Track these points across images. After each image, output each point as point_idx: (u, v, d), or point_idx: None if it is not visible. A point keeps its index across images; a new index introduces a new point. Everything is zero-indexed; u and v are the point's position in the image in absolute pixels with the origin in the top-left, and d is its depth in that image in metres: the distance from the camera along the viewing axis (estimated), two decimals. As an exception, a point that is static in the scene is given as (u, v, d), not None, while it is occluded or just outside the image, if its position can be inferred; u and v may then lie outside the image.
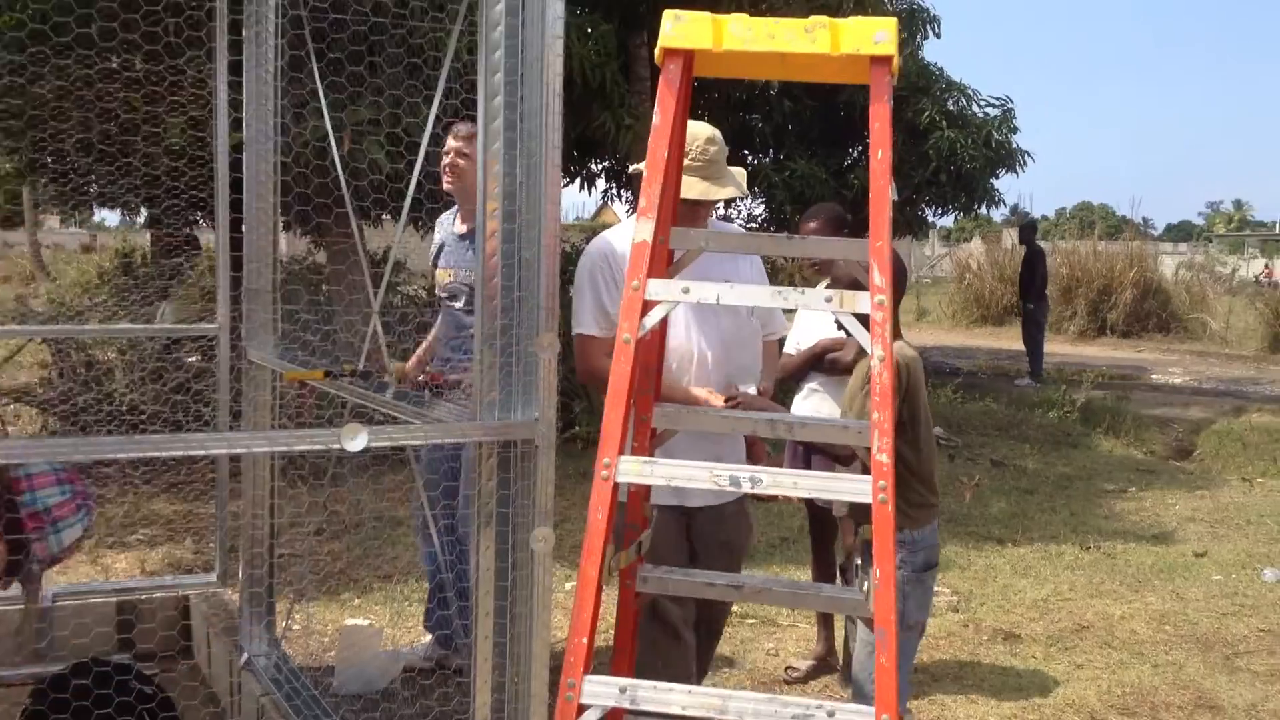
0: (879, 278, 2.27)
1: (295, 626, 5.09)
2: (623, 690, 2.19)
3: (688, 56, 2.42)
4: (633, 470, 2.30)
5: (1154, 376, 15.57)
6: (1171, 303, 21.64)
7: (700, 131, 3.19)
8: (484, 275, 2.21)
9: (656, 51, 2.42)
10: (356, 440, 1.98)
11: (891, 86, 2.40)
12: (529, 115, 2.18)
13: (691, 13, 2.37)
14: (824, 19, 2.36)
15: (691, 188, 3.12)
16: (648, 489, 2.79)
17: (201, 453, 1.96)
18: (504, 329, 2.21)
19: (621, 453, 2.31)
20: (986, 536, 7.00)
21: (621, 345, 2.30)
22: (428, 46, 4.33)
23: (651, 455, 2.63)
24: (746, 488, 2.30)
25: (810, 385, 4.54)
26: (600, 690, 2.18)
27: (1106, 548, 6.84)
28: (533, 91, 2.17)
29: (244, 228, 3.58)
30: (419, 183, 2.91)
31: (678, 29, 2.35)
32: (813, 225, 4.56)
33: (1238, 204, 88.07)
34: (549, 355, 2.16)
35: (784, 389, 4.94)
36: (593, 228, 20.59)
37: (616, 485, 2.32)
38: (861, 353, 4.43)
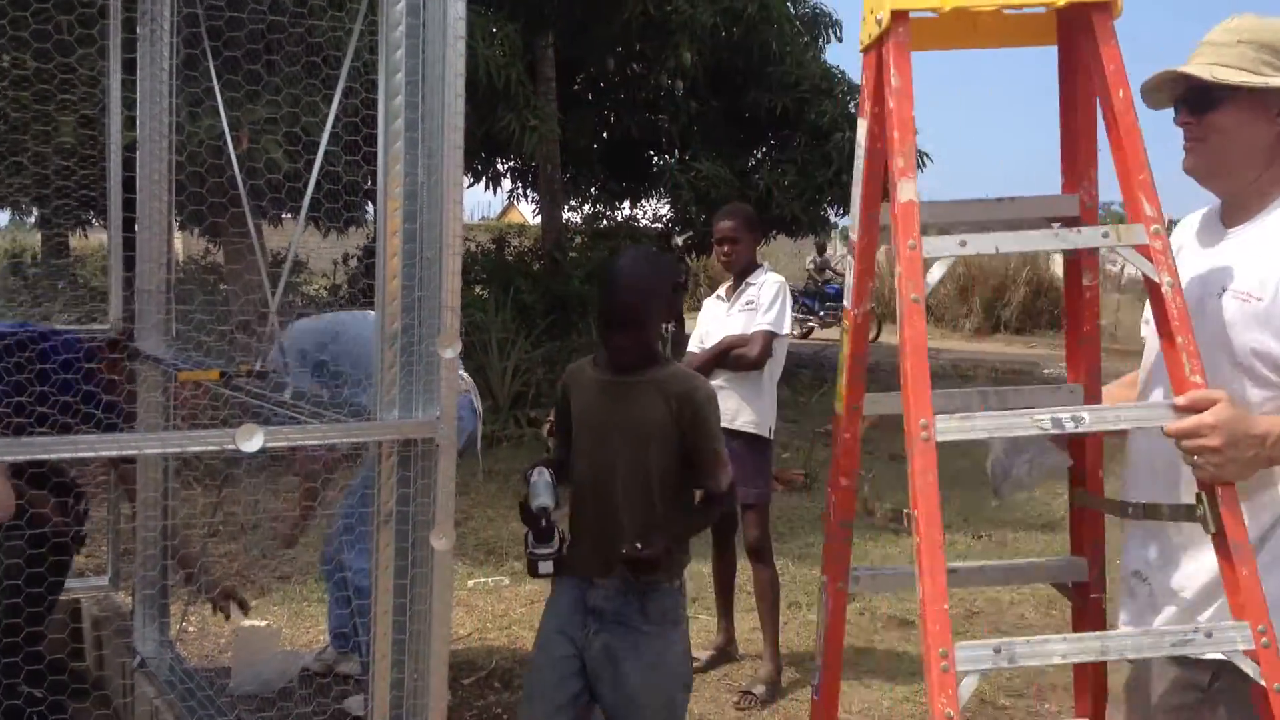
0: (1149, 208, 2.09)
1: (191, 629, 5.01)
2: (997, 650, 2.00)
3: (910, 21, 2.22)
4: (953, 428, 2.12)
5: (1045, 371, 16.05)
6: (1063, 300, 22.27)
7: None
8: (385, 275, 2.21)
9: (884, 15, 2.18)
10: (252, 441, 1.97)
11: (1114, 29, 2.19)
12: (430, 115, 2.20)
13: None
14: None
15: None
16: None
17: (91, 455, 1.94)
18: (405, 328, 2.22)
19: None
20: (882, 528, 7.15)
21: (911, 305, 2.09)
22: (327, 45, 4.30)
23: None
24: (1070, 427, 2.09)
25: (715, 382, 4.59)
26: (974, 655, 1.99)
27: (998, 536, 7.05)
28: (434, 92, 2.19)
29: (136, 227, 3.52)
30: (318, 182, 2.89)
31: None
32: (729, 224, 4.63)
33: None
34: (450, 354, 2.17)
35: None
36: (499, 227, 20.46)
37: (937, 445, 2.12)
38: (766, 350, 4.54)
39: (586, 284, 12.32)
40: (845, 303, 2.47)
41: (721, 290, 4.77)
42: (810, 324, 20.07)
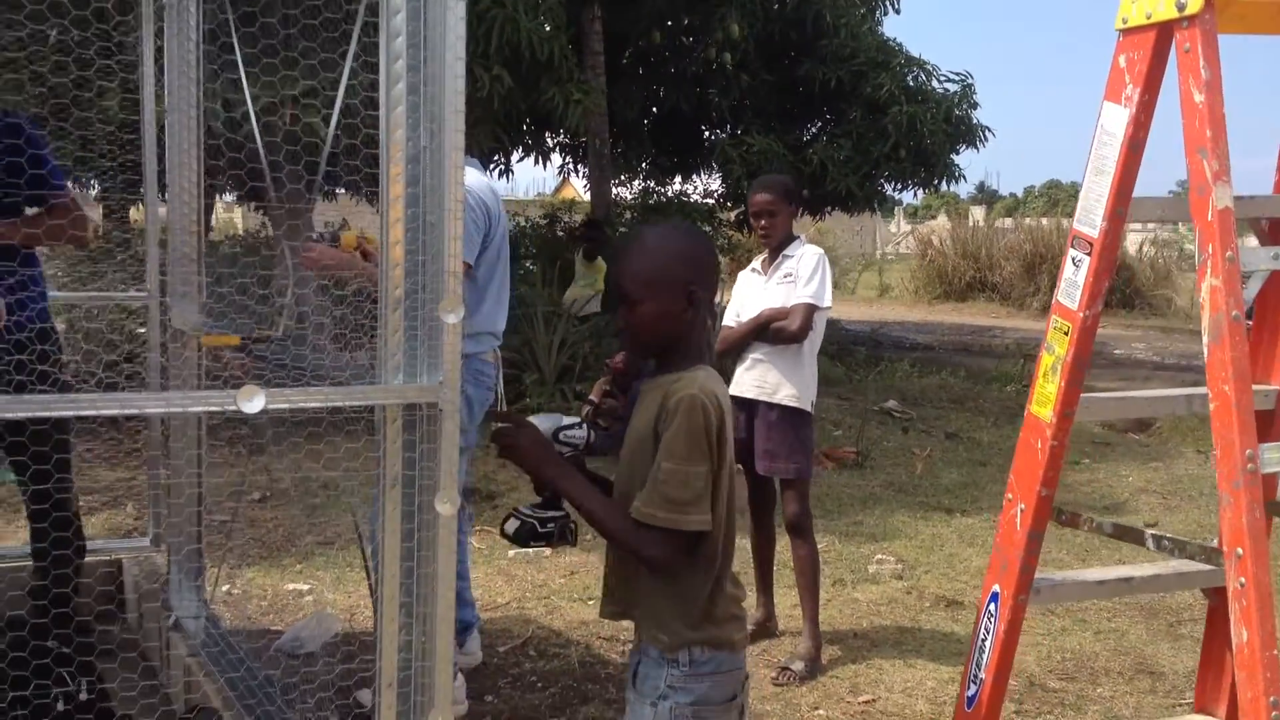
0: None
1: (236, 591, 5.11)
2: None
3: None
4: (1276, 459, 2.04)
5: (1116, 351, 15.75)
6: (1136, 279, 21.91)
7: None
8: (388, 240, 2.21)
9: (1197, 0, 2.03)
10: (253, 402, 1.98)
11: None
12: (432, 79, 2.18)
13: None
14: None
15: None
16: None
17: (92, 412, 1.95)
18: (409, 293, 2.21)
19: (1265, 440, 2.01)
20: (935, 506, 7.08)
21: (1231, 323, 1.99)
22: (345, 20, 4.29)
23: None
24: None
25: (754, 355, 4.57)
26: None
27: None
28: (435, 55, 2.17)
29: (167, 195, 3.56)
30: (354, 148, 2.88)
31: None
32: (766, 196, 4.58)
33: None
34: (454, 319, 2.16)
35: (726, 360, 4.97)
36: (554, 204, 20.45)
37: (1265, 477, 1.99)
38: (808, 323, 4.49)
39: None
40: (1066, 301, 2.29)
41: (757, 263, 4.71)
42: None
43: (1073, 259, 2.26)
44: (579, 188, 21.93)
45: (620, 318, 2.27)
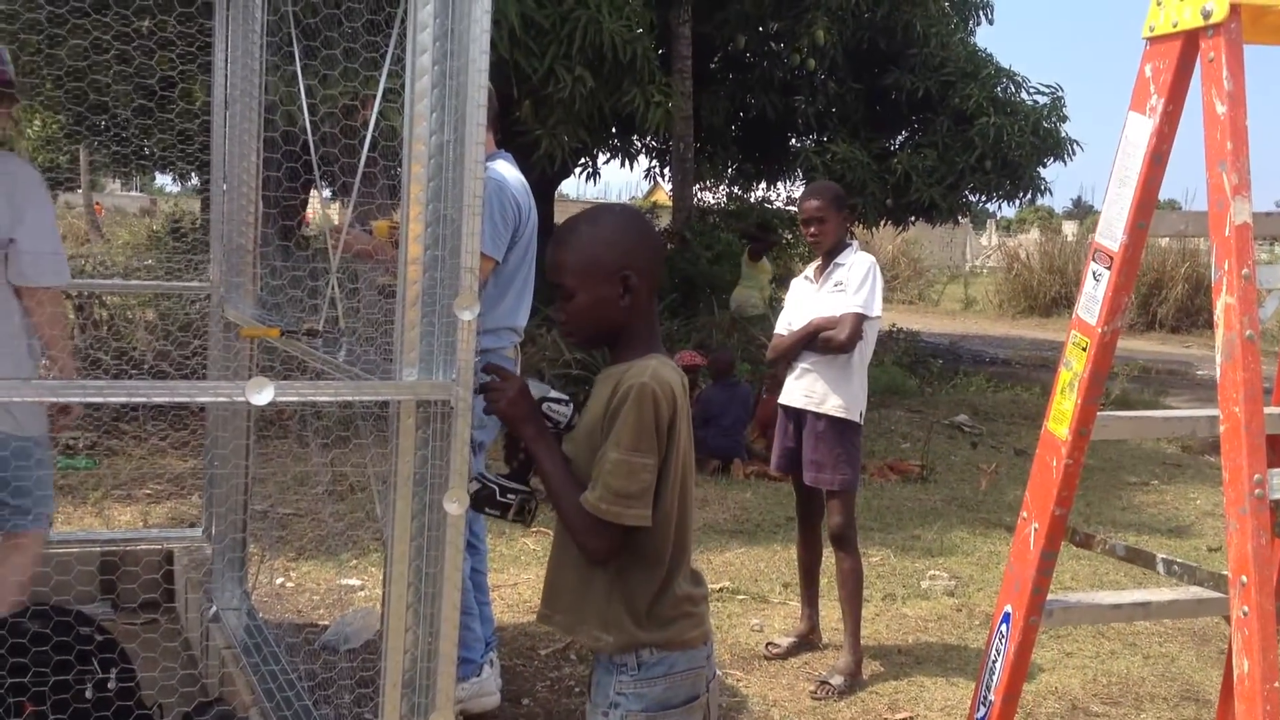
0: None
1: (290, 584, 5.17)
2: None
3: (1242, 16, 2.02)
4: None
5: (1199, 372, 15.31)
6: (1296, 320, 21.38)
7: None
8: (407, 235, 2.20)
9: (1213, 7, 1.98)
10: (262, 394, 1.98)
11: None
12: (457, 72, 2.17)
13: None
14: None
15: None
16: None
17: (99, 399, 1.98)
18: (426, 289, 2.21)
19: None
20: (996, 524, 6.90)
21: (1245, 343, 1.92)
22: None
23: None
24: None
25: (803, 365, 4.50)
26: None
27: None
28: (462, 48, 2.16)
29: (224, 186, 3.60)
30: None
31: None
32: (815, 203, 4.50)
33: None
34: (468, 316, 2.15)
35: (777, 368, 4.90)
36: (642, 207, 20.42)
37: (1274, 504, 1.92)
38: (856, 333, 4.42)
39: (715, 264, 12.24)
40: (1085, 316, 2.22)
41: (809, 271, 4.64)
42: None
43: (1093, 273, 2.18)
44: (669, 191, 21.96)
45: (558, 310, 2.20)
